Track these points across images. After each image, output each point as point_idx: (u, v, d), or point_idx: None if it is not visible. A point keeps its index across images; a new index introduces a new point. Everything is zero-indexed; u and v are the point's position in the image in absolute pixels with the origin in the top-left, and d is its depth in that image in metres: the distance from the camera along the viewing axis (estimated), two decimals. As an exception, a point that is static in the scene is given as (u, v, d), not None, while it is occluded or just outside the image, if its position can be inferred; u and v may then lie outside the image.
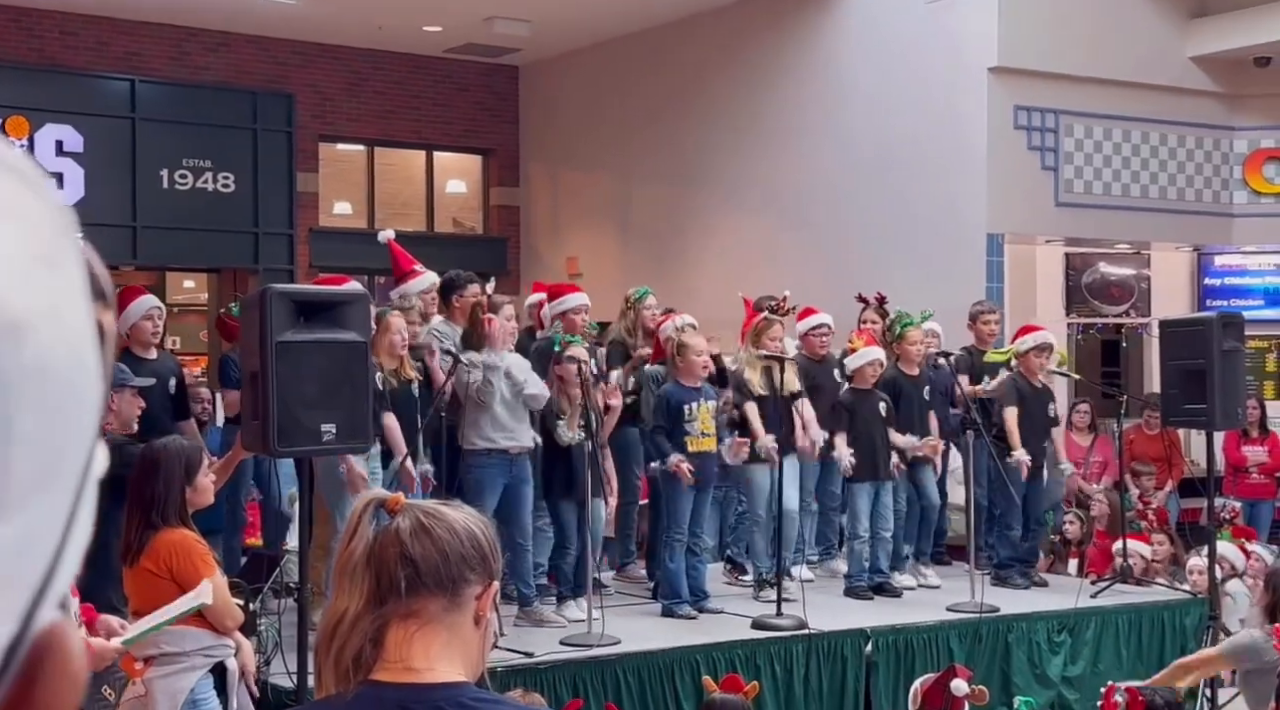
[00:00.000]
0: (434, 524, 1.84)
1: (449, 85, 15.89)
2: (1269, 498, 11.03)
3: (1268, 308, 12.77)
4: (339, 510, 6.18)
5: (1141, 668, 7.59)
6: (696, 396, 7.12)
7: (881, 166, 11.98)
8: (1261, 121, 12.39)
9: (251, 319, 5.22)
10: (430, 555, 1.81)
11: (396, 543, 1.81)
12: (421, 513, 1.86)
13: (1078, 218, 11.80)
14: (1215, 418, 7.51)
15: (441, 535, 1.83)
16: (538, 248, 16.10)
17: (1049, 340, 8.48)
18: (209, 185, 13.84)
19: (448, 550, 1.82)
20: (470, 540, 1.85)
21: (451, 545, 1.83)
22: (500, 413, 6.57)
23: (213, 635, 4.56)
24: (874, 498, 7.81)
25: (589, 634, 6.37)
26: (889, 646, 6.95)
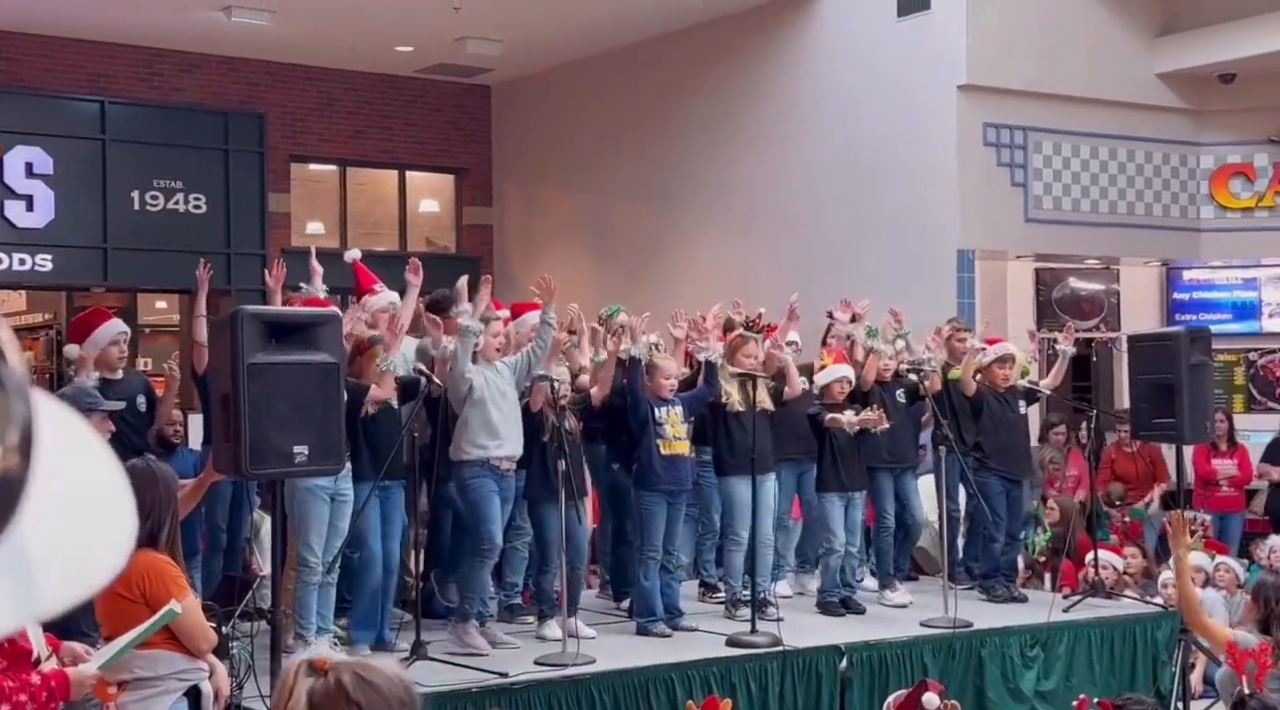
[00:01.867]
0: (373, 676, 2.04)
1: (421, 105, 15.91)
2: (1239, 510, 11.10)
3: (1235, 321, 12.88)
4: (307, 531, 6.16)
5: (1114, 681, 7.64)
6: (665, 404, 7.15)
7: (853, 183, 12.04)
8: (1227, 137, 12.52)
9: (223, 340, 5.21)
10: (376, 702, 1.96)
11: (344, 697, 1.95)
12: (358, 667, 2.05)
13: (1047, 233, 11.89)
14: (1184, 431, 7.58)
15: (382, 685, 2.02)
16: (511, 267, 16.10)
17: (1009, 351, 8.54)
18: (180, 206, 13.79)
19: (390, 699, 2.02)
20: (404, 688, 2.07)
21: (393, 693, 2.04)
22: (493, 415, 6.55)
23: (186, 658, 4.54)
24: (845, 511, 7.84)
25: (564, 653, 6.36)
26: (863, 662, 6.96)
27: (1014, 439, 8.41)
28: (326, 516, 6.21)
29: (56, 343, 15.17)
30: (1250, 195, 12.50)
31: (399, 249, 16.00)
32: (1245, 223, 12.53)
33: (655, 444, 7.07)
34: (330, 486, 6.18)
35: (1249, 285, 12.94)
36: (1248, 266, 12.88)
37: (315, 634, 6.18)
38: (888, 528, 8.15)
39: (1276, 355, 12.85)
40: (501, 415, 6.62)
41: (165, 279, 14.37)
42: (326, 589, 6.26)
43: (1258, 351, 12.90)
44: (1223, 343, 12.29)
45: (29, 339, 16.38)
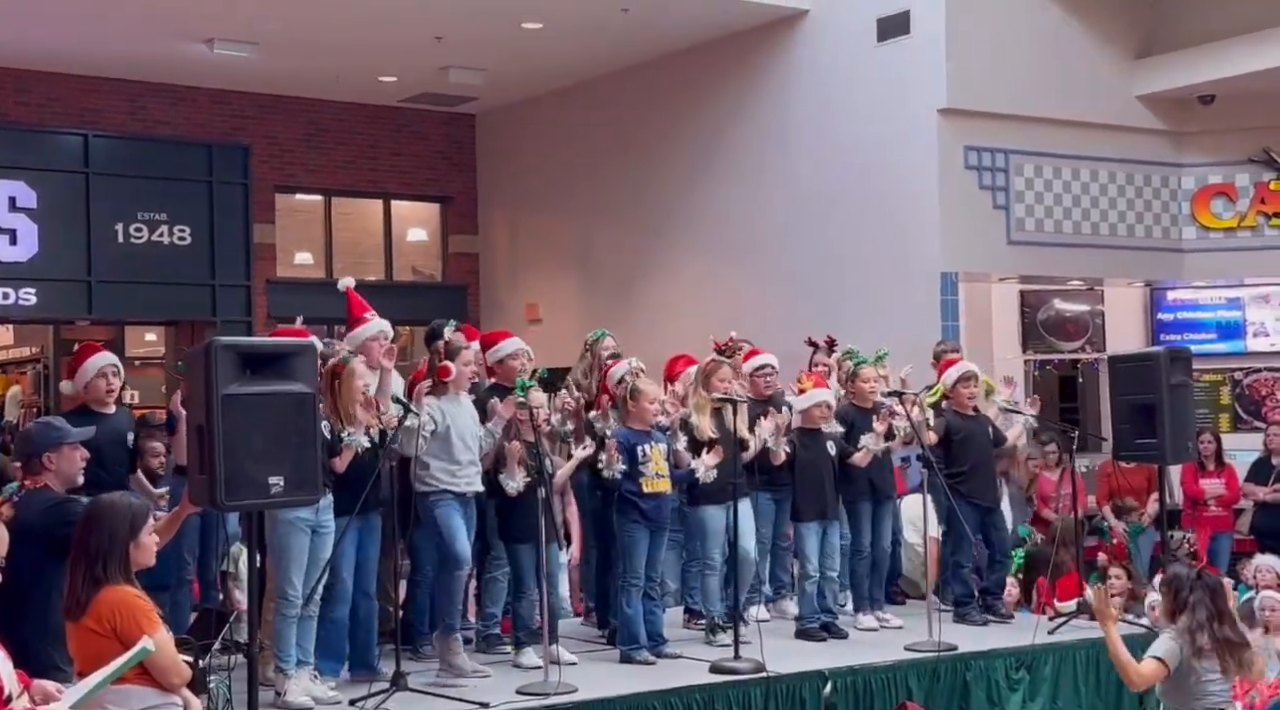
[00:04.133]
0: None
1: (406, 134, 15.94)
2: (1227, 530, 11.10)
3: (1221, 341, 12.92)
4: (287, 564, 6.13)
5: (1100, 704, 7.62)
6: (648, 439, 7.13)
7: (835, 207, 12.08)
8: (1208, 158, 12.58)
9: (197, 372, 5.20)
10: None
11: None
12: None
13: (1030, 256, 11.92)
14: (1166, 452, 7.59)
15: None
16: (498, 295, 16.12)
17: (970, 370, 8.48)
18: (165, 238, 13.80)
19: None
20: None
21: None
22: (456, 458, 6.57)
23: (159, 693, 4.49)
24: (822, 537, 7.81)
25: (545, 682, 6.33)
26: (847, 688, 6.93)
27: (984, 463, 8.37)
28: (307, 548, 6.18)
29: (44, 377, 15.15)
30: (1232, 215, 12.55)
31: (385, 278, 16.01)
32: (1228, 243, 12.57)
33: (637, 483, 7.06)
34: (311, 518, 6.15)
35: (1233, 305, 12.98)
36: (1231, 286, 12.92)
37: (295, 666, 6.15)
38: (863, 554, 8.12)
39: (1262, 374, 12.87)
40: (464, 448, 6.65)
41: (150, 311, 14.37)
42: (306, 621, 6.23)
43: (1243, 371, 12.93)
44: (1208, 363, 12.35)
45: (17, 373, 16.36)
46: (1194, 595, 5.73)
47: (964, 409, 8.36)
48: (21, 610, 5.07)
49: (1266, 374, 12.85)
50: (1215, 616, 5.69)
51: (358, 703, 5.96)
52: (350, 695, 6.12)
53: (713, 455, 7.24)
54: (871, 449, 7.88)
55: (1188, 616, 5.70)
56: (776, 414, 7.69)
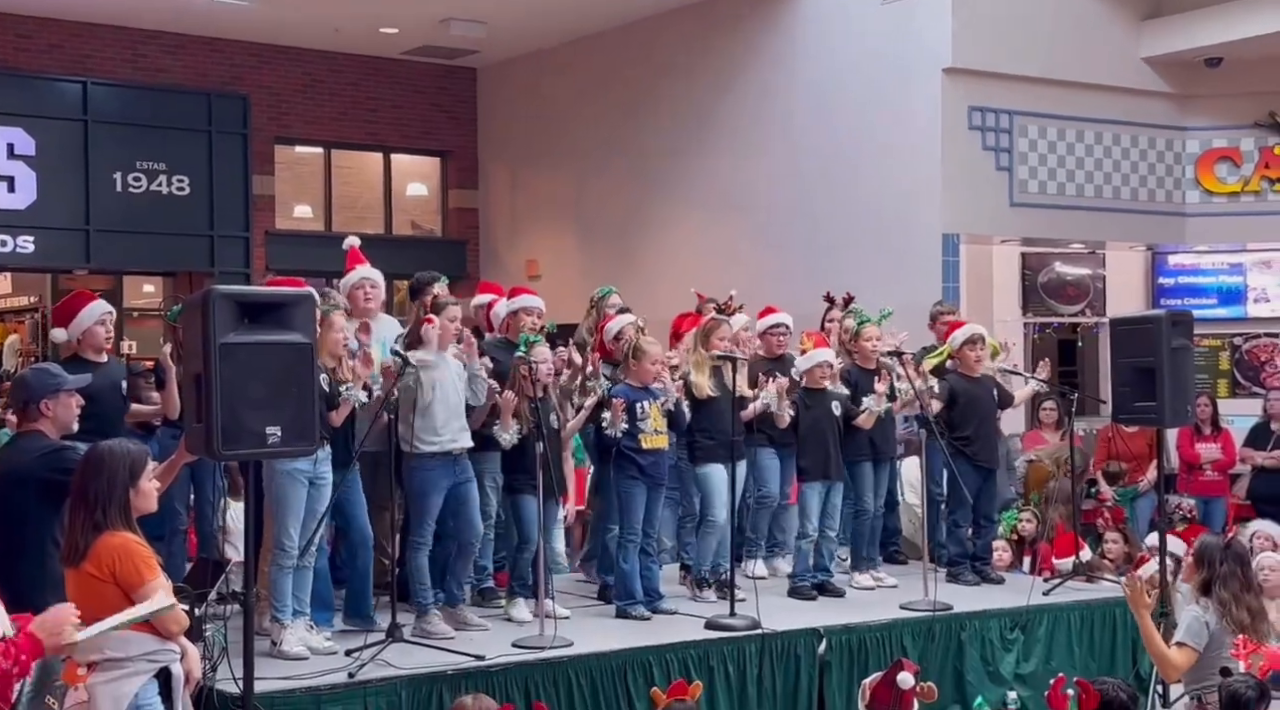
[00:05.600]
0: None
1: (406, 87, 15.84)
2: (1222, 495, 11.10)
3: (1221, 306, 12.89)
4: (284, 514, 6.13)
5: (1094, 664, 7.64)
6: (647, 396, 7.12)
7: (837, 167, 12.01)
8: (1213, 122, 12.51)
9: (194, 321, 5.15)
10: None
11: None
12: None
13: (1032, 218, 11.87)
14: (1165, 415, 7.55)
15: None
16: (497, 250, 16.07)
17: (978, 332, 8.49)
18: (163, 188, 13.74)
19: None
20: None
21: None
22: (439, 414, 6.54)
23: (157, 640, 4.50)
24: (824, 497, 7.81)
25: (541, 636, 6.34)
26: (842, 646, 6.95)
27: (987, 425, 8.38)
28: (304, 499, 6.18)
29: (43, 326, 15.12)
30: (1236, 180, 12.49)
31: (384, 232, 15.96)
32: (1231, 207, 12.52)
33: (636, 439, 7.04)
34: (309, 469, 6.14)
35: (1235, 270, 12.94)
36: (1233, 251, 12.87)
37: (291, 617, 6.16)
38: (865, 512, 8.13)
39: (1261, 340, 12.85)
40: (451, 407, 6.60)
41: (149, 261, 14.33)
42: (302, 572, 6.23)
43: (1243, 336, 12.90)
44: (1208, 328, 12.31)
45: (15, 322, 16.33)
46: (1225, 567, 5.73)
47: (970, 371, 8.35)
48: (16, 556, 5.07)
49: (1266, 340, 12.83)
50: (1246, 587, 5.70)
51: (354, 653, 5.97)
52: (346, 646, 6.13)
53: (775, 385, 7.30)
54: (874, 410, 7.87)
55: (1221, 588, 5.69)
56: (781, 377, 7.66)
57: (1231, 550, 5.87)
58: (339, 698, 5.61)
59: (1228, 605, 5.65)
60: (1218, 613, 5.67)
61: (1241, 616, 5.62)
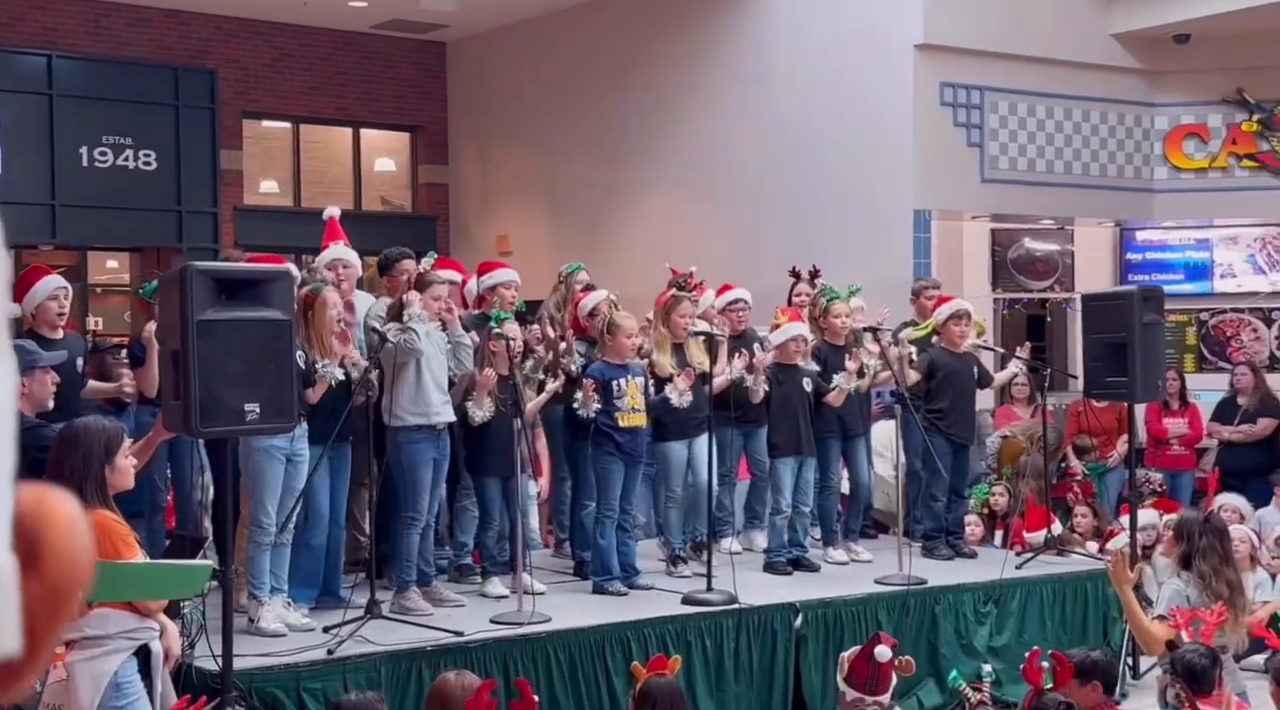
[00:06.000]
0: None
1: (375, 62, 15.72)
2: (1189, 469, 11.22)
3: (1188, 282, 12.99)
4: (261, 492, 6.10)
5: (1065, 637, 7.71)
6: (624, 373, 7.11)
7: (809, 143, 12.02)
8: (1181, 98, 12.58)
9: (171, 297, 5.13)
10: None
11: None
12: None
13: (1003, 194, 11.92)
14: (1136, 390, 7.63)
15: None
16: (467, 226, 16.01)
17: (965, 307, 8.55)
18: (130, 162, 13.61)
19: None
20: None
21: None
22: (427, 385, 6.52)
23: (136, 617, 4.49)
24: (797, 473, 7.84)
25: (519, 612, 6.35)
26: (818, 620, 7.00)
27: (967, 401, 8.43)
28: (281, 476, 6.15)
29: (6, 302, 14.95)
30: (1204, 156, 12.57)
31: (354, 208, 15.86)
32: (1199, 183, 12.60)
33: (613, 416, 7.05)
34: (286, 446, 6.11)
35: (1202, 246, 13.04)
36: (1200, 227, 12.97)
37: (269, 594, 6.14)
38: (831, 489, 8.17)
39: (1228, 315, 12.97)
40: (436, 381, 6.58)
41: (116, 237, 14.21)
42: (280, 549, 6.21)
43: (1209, 312, 13.02)
44: (1175, 303, 12.39)
45: (-23, 298, 16.13)
46: (1205, 541, 5.79)
47: (953, 346, 8.39)
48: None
49: (1232, 315, 12.95)
50: (1225, 561, 5.77)
51: (331, 630, 5.96)
52: (324, 623, 6.12)
53: (684, 379, 7.25)
54: (845, 388, 7.89)
55: (1201, 562, 5.75)
56: (749, 353, 7.67)
57: (1211, 524, 5.93)
58: (318, 674, 5.60)
59: (1208, 578, 5.72)
60: (1198, 586, 5.73)
61: (1221, 589, 5.69)
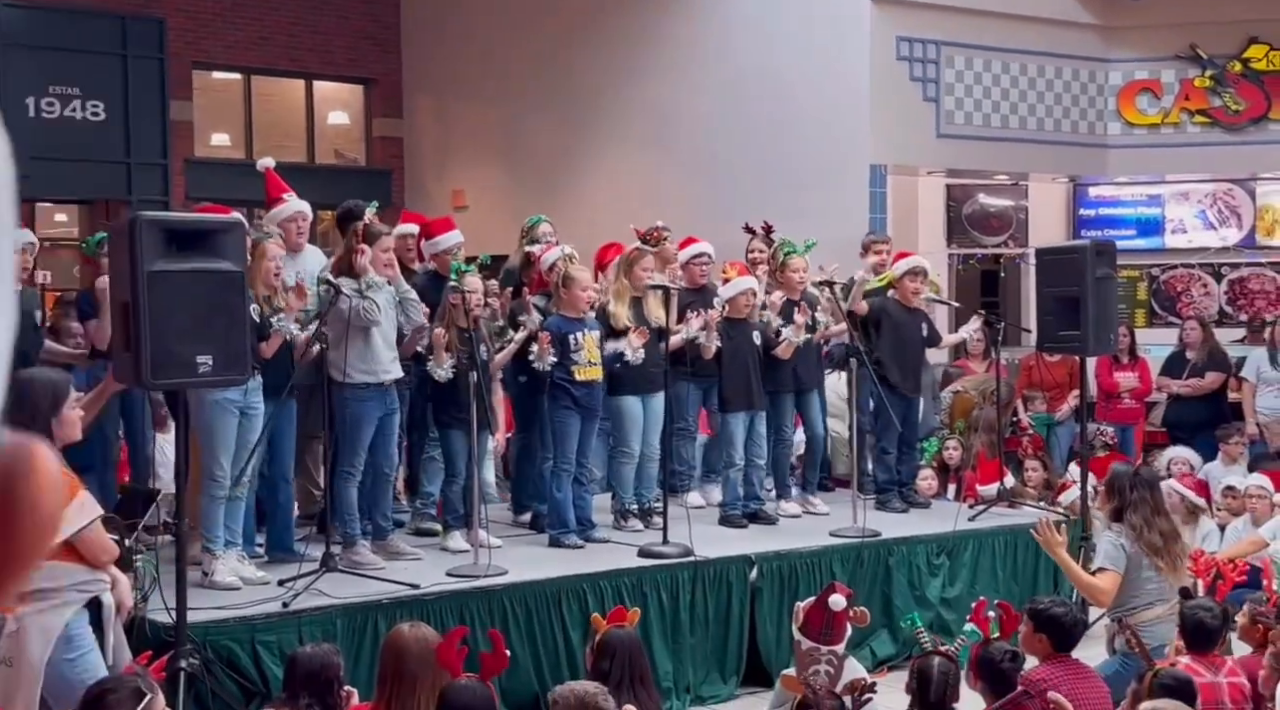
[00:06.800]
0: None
1: (329, 13, 15.53)
2: (1136, 421, 11.34)
3: (1140, 237, 13.09)
4: (214, 445, 6.06)
5: (1017, 588, 7.80)
6: (581, 327, 7.10)
7: (766, 98, 11.98)
8: (1135, 54, 12.63)
9: (120, 248, 5.06)
10: None
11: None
12: None
13: (958, 149, 11.95)
14: (1089, 343, 7.68)
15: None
16: (423, 180, 15.88)
17: (922, 265, 8.60)
18: (77, 113, 13.40)
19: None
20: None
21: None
22: (377, 344, 6.48)
23: (86, 570, 4.45)
24: (748, 426, 7.86)
25: (475, 565, 6.35)
26: (773, 572, 7.04)
27: (911, 355, 8.46)
28: (235, 430, 6.10)
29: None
30: (1157, 112, 12.64)
31: (307, 161, 15.70)
32: (1151, 139, 12.68)
33: (569, 370, 7.03)
34: (240, 399, 6.06)
35: (1153, 202, 13.13)
36: (1153, 183, 13.06)
37: (223, 547, 6.11)
38: (786, 442, 8.21)
39: (1178, 271, 13.09)
40: (385, 338, 6.53)
41: (63, 189, 13.99)
42: (235, 503, 6.18)
43: (1160, 267, 13.13)
44: (1126, 258, 12.45)
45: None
46: (1135, 493, 5.86)
47: (907, 301, 8.43)
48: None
49: (1183, 270, 13.07)
50: (1155, 511, 5.84)
51: (286, 583, 5.94)
52: (278, 576, 6.10)
53: (638, 335, 7.24)
54: (793, 340, 7.90)
55: (1132, 514, 5.83)
56: (707, 310, 7.66)
57: (1140, 476, 6.00)
58: (273, 627, 5.58)
59: (1139, 529, 5.80)
60: (1130, 538, 5.82)
61: (1154, 539, 5.77)
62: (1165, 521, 5.93)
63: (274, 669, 5.39)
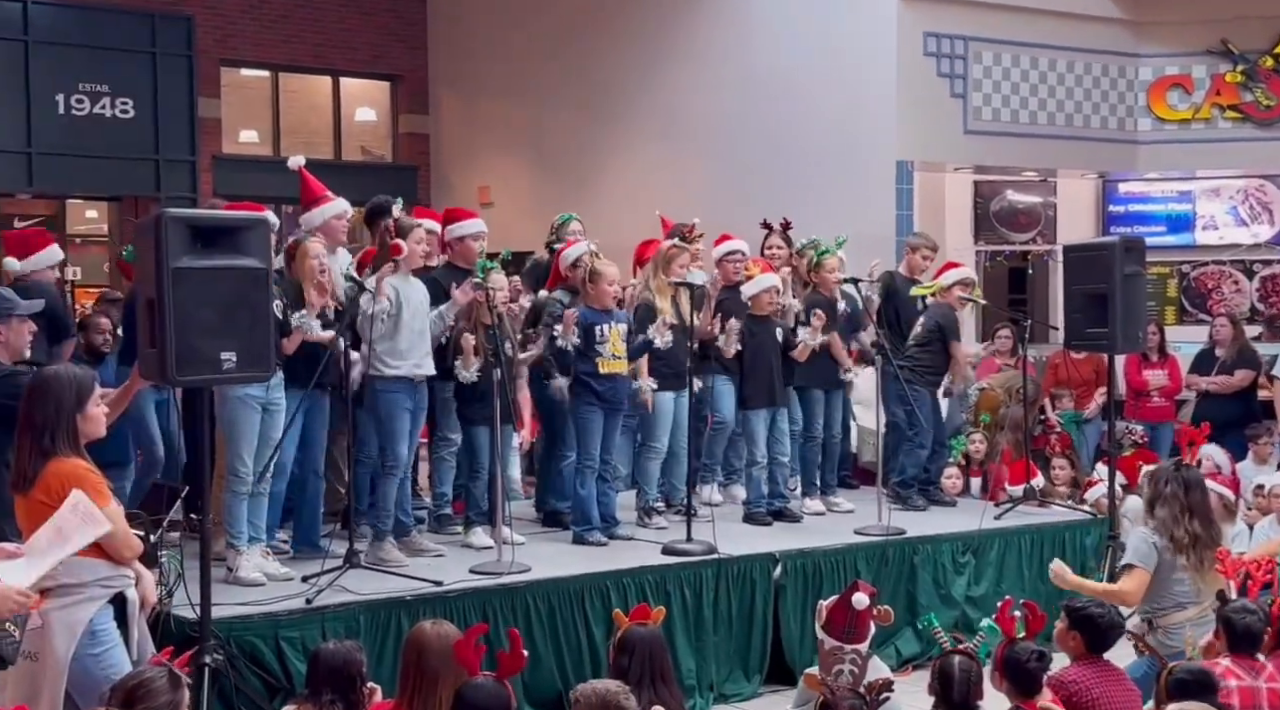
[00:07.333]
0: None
1: (355, 10, 15.58)
2: (1169, 420, 11.25)
3: (1170, 234, 12.99)
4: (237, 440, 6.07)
5: (1043, 587, 7.72)
6: (608, 319, 7.09)
7: (792, 94, 11.94)
8: (1166, 49, 12.52)
9: (147, 245, 5.07)
10: None
11: None
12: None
13: (986, 145, 11.88)
14: (1117, 341, 7.63)
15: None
16: (449, 176, 15.91)
17: (971, 276, 8.66)
18: (107, 110, 13.48)
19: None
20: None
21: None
22: (404, 338, 6.48)
23: (110, 565, 4.46)
24: (770, 423, 7.83)
25: (499, 562, 6.35)
26: (797, 570, 7.02)
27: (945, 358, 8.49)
28: (257, 426, 6.12)
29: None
30: (1187, 107, 12.54)
31: (334, 158, 15.75)
32: (1182, 135, 12.57)
33: (594, 364, 7.03)
34: (262, 395, 6.08)
35: (1184, 198, 13.03)
36: (1183, 179, 12.96)
37: (247, 543, 6.13)
38: (814, 439, 8.18)
39: (1209, 267, 12.98)
40: (417, 333, 6.53)
41: (93, 186, 14.10)
42: (257, 498, 6.19)
43: (1190, 264, 13.03)
44: (1156, 255, 12.39)
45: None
46: (1168, 488, 5.77)
47: (954, 308, 8.53)
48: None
49: (1214, 267, 12.97)
50: (1186, 510, 5.72)
51: (310, 579, 5.95)
52: (303, 572, 6.11)
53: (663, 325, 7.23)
54: (809, 344, 7.87)
55: (1160, 508, 5.75)
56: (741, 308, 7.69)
57: (1178, 473, 5.89)
58: (297, 623, 5.59)
59: (1165, 523, 5.72)
60: (1160, 532, 5.74)
61: (1180, 536, 5.67)
62: (1198, 524, 5.76)
63: (297, 665, 5.40)
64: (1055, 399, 10.72)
